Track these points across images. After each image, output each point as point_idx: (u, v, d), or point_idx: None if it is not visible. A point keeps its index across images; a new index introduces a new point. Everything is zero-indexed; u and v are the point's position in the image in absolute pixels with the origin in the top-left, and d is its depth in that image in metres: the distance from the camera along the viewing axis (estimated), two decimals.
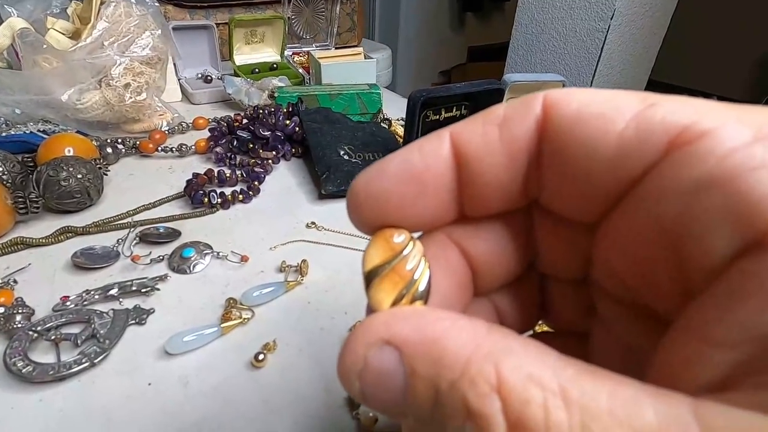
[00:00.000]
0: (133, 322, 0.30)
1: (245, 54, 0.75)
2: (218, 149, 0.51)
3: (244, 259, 0.37)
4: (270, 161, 0.50)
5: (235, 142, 0.51)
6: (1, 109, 0.48)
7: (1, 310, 0.29)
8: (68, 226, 0.38)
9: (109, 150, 0.49)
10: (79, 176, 0.40)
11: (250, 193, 0.45)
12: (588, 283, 0.14)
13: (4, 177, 0.40)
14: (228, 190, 0.45)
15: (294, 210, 0.44)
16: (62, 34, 0.54)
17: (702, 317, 0.09)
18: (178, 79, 0.69)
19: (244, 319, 0.31)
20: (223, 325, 0.30)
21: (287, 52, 0.80)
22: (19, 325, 0.29)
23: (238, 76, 0.68)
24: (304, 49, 0.84)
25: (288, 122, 0.52)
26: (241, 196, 0.44)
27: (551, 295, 0.16)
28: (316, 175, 0.47)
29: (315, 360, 0.29)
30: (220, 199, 0.43)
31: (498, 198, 0.13)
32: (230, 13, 0.83)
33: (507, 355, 0.09)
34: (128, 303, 0.32)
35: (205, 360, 0.29)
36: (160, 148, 0.52)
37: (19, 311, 0.29)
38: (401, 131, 0.58)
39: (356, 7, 0.98)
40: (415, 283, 0.12)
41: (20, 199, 0.38)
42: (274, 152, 0.51)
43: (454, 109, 0.47)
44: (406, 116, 0.45)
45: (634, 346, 0.13)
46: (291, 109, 0.55)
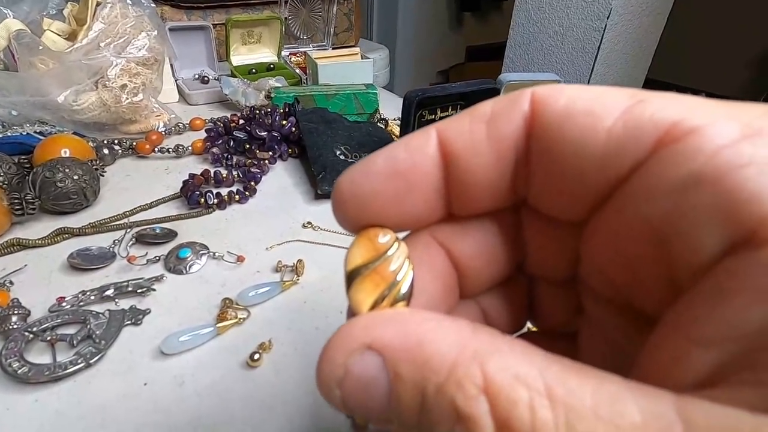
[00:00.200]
0: (129, 322, 0.31)
1: (242, 54, 0.75)
2: (215, 150, 0.52)
3: (240, 259, 0.37)
4: (266, 161, 0.50)
5: (231, 143, 0.51)
6: None
7: None
8: (64, 227, 0.39)
9: (106, 151, 0.49)
10: (76, 177, 0.40)
11: (247, 193, 0.45)
12: (575, 284, 0.14)
13: (0, 178, 0.40)
14: (224, 191, 0.45)
15: (290, 210, 0.44)
16: (58, 35, 0.54)
17: (688, 315, 0.09)
18: (175, 80, 0.69)
19: (240, 319, 0.31)
20: (218, 325, 0.30)
21: (284, 53, 0.80)
22: (15, 326, 0.29)
23: (235, 76, 0.68)
24: (301, 49, 0.84)
25: (284, 122, 0.52)
26: (237, 197, 0.44)
27: (538, 297, 0.16)
28: (312, 175, 0.47)
29: (310, 359, 0.29)
30: (216, 200, 0.43)
31: (486, 197, 0.13)
32: (227, 14, 0.84)
33: (493, 355, 0.09)
34: (124, 303, 0.32)
35: (200, 360, 0.29)
36: (156, 149, 0.52)
37: (15, 312, 0.29)
38: (398, 131, 0.58)
39: (353, 8, 0.98)
40: (398, 285, 0.12)
41: (16, 201, 0.38)
42: (270, 152, 0.51)
43: (449, 109, 0.48)
44: (401, 116, 0.46)
45: (621, 345, 0.13)
46: (287, 110, 0.55)
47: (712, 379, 0.09)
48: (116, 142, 0.52)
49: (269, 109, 0.54)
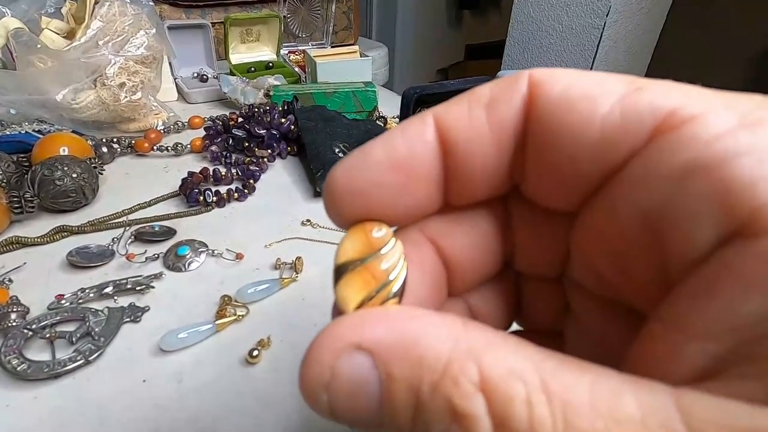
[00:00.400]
0: (128, 319, 0.31)
1: (241, 53, 0.75)
2: (214, 148, 0.52)
3: (239, 256, 0.37)
4: (265, 159, 0.50)
5: (230, 141, 0.51)
6: None
7: None
8: (63, 226, 0.39)
9: (105, 149, 0.49)
10: (74, 175, 0.40)
11: (246, 191, 0.45)
12: (563, 281, 0.14)
13: None
14: (223, 189, 0.45)
15: (289, 208, 0.44)
16: (57, 33, 0.54)
17: (682, 308, 0.09)
18: (174, 78, 0.69)
19: (239, 316, 0.31)
20: (217, 322, 0.30)
21: (283, 51, 0.80)
22: (14, 324, 0.29)
23: (233, 75, 0.68)
24: (300, 47, 0.84)
25: (283, 120, 0.52)
26: (236, 195, 0.44)
27: (526, 295, 0.15)
28: (311, 172, 0.47)
29: None
30: (215, 198, 0.43)
31: (484, 184, 0.12)
32: (226, 12, 0.84)
33: (487, 350, 0.09)
34: (123, 301, 0.32)
35: (199, 357, 0.29)
36: (155, 148, 0.52)
37: (14, 310, 0.30)
38: None
39: (352, 6, 0.98)
40: (389, 285, 0.11)
41: (15, 199, 0.38)
42: (269, 150, 0.51)
43: None
44: (400, 113, 0.46)
45: (608, 344, 0.13)
46: (286, 108, 0.55)
47: (708, 372, 0.09)
48: (115, 140, 0.52)
49: (268, 107, 0.54)
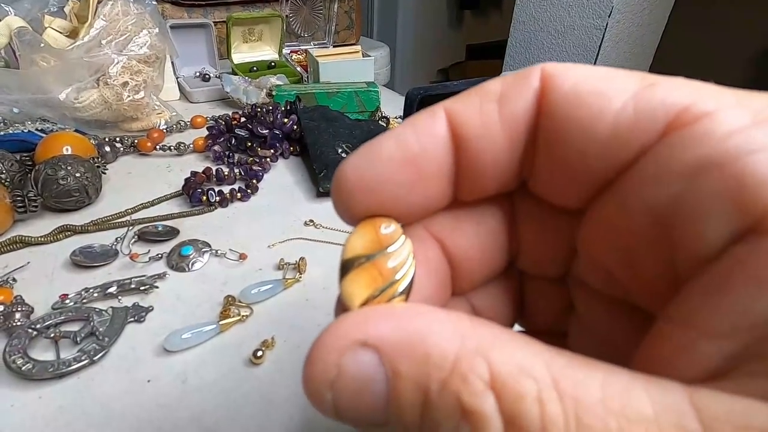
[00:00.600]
0: (132, 319, 0.31)
1: (243, 52, 0.75)
2: (216, 147, 0.52)
3: (242, 257, 0.37)
4: (268, 159, 0.50)
5: (233, 141, 0.51)
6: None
7: (0, 308, 0.29)
8: (67, 225, 0.39)
9: (108, 149, 0.49)
10: (78, 175, 0.40)
11: (249, 191, 0.45)
12: (568, 282, 0.14)
13: (3, 176, 0.40)
14: (226, 189, 0.45)
15: (292, 208, 0.44)
16: (60, 32, 0.54)
17: (693, 306, 0.09)
18: (176, 77, 0.69)
19: (243, 316, 0.31)
20: (221, 322, 0.30)
21: (285, 51, 0.80)
22: (19, 323, 0.29)
23: (236, 74, 0.68)
24: (302, 47, 0.84)
25: (286, 120, 0.52)
26: (239, 195, 0.44)
27: (528, 295, 0.15)
28: (313, 173, 0.47)
29: None
30: (218, 198, 0.43)
31: (493, 180, 0.12)
32: (228, 11, 0.83)
33: (496, 347, 0.09)
34: (127, 301, 0.32)
35: (203, 357, 0.29)
36: (158, 147, 0.52)
37: (19, 309, 0.30)
38: None
39: (354, 5, 0.97)
40: (396, 284, 0.11)
41: (19, 198, 0.38)
42: (272, 150, 0.51)
43: None
44: (403, 113, 0.46)
45: (613, 344, 0.13)
46: (289, 108, 0.55)
47: (720, 370, 0.09)
48: (118, 139, 0.52)
49: (270, 107, 0.54)
